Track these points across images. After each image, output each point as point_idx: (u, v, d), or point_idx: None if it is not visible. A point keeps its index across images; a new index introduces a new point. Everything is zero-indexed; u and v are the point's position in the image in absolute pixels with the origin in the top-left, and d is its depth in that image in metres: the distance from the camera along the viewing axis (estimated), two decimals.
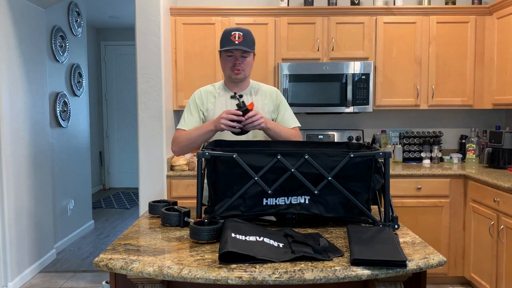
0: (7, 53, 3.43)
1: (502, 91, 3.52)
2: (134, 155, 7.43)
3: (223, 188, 1.70)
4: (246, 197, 1.69)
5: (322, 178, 1.69)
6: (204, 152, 1.68)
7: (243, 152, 1.69)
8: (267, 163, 1.67)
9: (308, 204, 1.71)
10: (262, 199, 1.69)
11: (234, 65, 2.07)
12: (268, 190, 1.67)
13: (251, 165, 1.67)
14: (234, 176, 1.69)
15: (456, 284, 3.53)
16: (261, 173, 1.67)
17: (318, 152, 1.70)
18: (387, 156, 1.71)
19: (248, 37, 2.08)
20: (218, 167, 1.70)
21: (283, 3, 3.77)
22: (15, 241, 3.52)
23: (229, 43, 2.03)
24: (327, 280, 1.31)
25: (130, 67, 7.50)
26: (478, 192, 3.22)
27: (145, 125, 3.40)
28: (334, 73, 3.59)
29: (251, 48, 2.10)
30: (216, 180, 1.71)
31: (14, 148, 3.51)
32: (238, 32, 2.04)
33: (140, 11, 3.36)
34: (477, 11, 3.67)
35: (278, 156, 1.67)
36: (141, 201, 3.41)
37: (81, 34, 5.04)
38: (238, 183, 1.68)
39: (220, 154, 1.69)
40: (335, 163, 1.68)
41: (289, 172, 1.67)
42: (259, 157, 1.69)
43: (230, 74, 2.12)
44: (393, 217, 1.72)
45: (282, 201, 1.70)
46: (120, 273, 1.41)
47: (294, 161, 1.68)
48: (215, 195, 1.72)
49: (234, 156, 1.67)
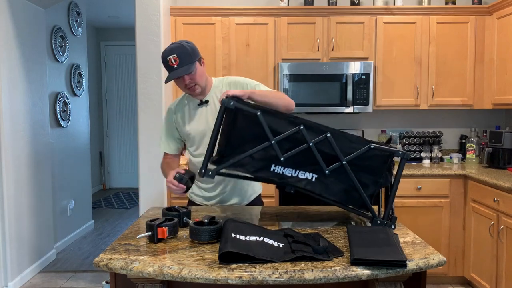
0: (7, 53, 3.43)
1: (502, 91, 3.52)
2: (134, 155, 7.43)
3: (236, 143, 1.69)
4: (256, 158, 1.68)
5: (334, 161, 1.68)
6: (230, 101, 1.66)
7: (267, 113, 1.67)
8: (287, 131, 1.66)
9: (314, 183, 1.70)
10: (270, 165, 1.68)
11: (186, 85, 2.01)
12: (281, 157, 1.66)
13: (271, 128, 1.65)
14: (251, 134, 1.67)
15: (456, 284, 3.53)
16: (279, 138, 1.65)
17: (341, 134, 1.69)
18: (405, 157, 1.72)
19: (183, 54, 1.95)
20: (238, 121, 1.68)
21: (283, 3, 3.77)
22: (15, 241, 3.52)
23: (169, 70, 1.97)
24: (327, 280, 1.31)
25: (130, 67, 7.50)
26: (478, 192, 3.22)
27: (145, 125, 3.40)
28: (334, 73, 3.59)
29: (191, 61, 1.96)
30: (231, 134, 1.69)
31: (14, 148, 3.51)
32: (171, 56, 1.94)
33: (140, 11, 3.36)
34: (477, 11, 3.67)
35: (301, 127, 1.66)
36: (141, 201, 3.41)
37: (81, 34, 5.04)
38: (253, 142, 1.67)
39: (245, 108, 1.67)
40: (353, 149, 1.68)
41: (306, 146, 1.66)
42: (281, 122, 1.67)
43: (188, 93, 2.10)
44: (392, 217, 1.73)
45: (289, 173, 1.69)
46: (120, 273, 1.41)
47: (314, 136, 1.67)
48: (225, 148, 1.70)
49: (258, 113, 1.65)
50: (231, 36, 3.67)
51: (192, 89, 2.03)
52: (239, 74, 3.45)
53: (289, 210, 2.10)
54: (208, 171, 1.68)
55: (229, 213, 2.03)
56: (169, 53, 1.95)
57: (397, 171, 1.74)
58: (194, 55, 1.99)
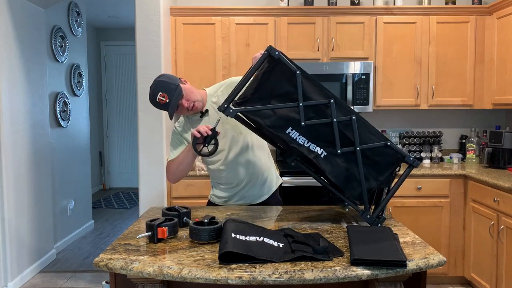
0: (7, 53, 3.43)
1: (502, 91, 3.52)
2: (134, 155, 7.43)
3: (264, 94, 1.70)
4: (277, 115, 1.69)
5: (348, 145, 1.70)
6: (275, 51, 1.68)
7: (306, 77, 1.70)
8: (317, 99, 1.68)
9: (322, 158, 1.72)
10: (287, 127, 1.69)
11: (187, 108, 2.06)
12: (303, 122, 1.67)
13: (303, 91, 1.68)
14: (281, 90, 1.69)
15: (456, 284, 3.53)
16: (308, 104, 1.67)
17: (363, 122, 1.73)
18: (414, 164, 1.75)
19: (166, 87, 1.99)
20: (275, 72, 1.69)
21: (283, 3, 3.77)
22: (15, 241, 3.52)
23: (165, 108, 2.00)
24: (327, 280, 1.31)
25: (130, 67, 7.50)
26: (478, 192, 3.22)
27: (145, 125, 3.40)
28: (334, 73, 3.59)
29: (175, 87, 2.00)
30: (262, 84, 1.70)
31: (14, 148, 3.51)
32: (159, 96, 1.97)
33: (140, 11, 3.36)
34: (477, 11, 3.67)
35: (332, 100, 1.68)
36: (141, 201, 3.41)
37: (81, 34, 5.04)
38: (280, 98, 1.69)
39: (287, 62, 1.69)
40: (370, 140, 1.72)
41: (329, 120, 1.68)
42: (315, 89, 1.70)
43: (192, 113, 2.13)
44: (380, 216, 1.74)
45: (302, 141, 1.71)
46: (120, 273, 1.41)
47: (339, 115, 1.70)
48: (252, 96, 1.70)
49: (297, 72, 1.68)
50: (231, 36, 3.67)
51: (194, 108, 2.07)
52: (239, 74, 3.45)
53: (289, 210, 2.10)
54: (229, 108, 1.69)
55: (230, 213, 2.03)
56: (154, 95, 2.00)
57: (401, 176, 1.75)
58: (174, 81, 2.03)
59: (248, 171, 2.18)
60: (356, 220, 1.88)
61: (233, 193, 2.23)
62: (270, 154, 2.33)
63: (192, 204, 2.28)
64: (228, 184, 2.22)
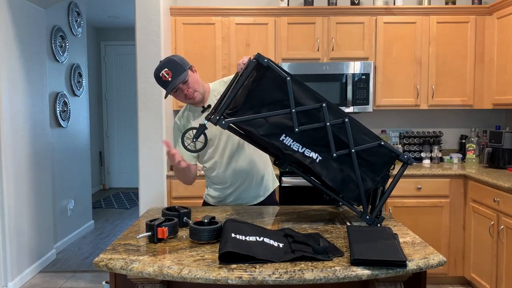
0: (7, 53, 3.43)
1: (502, 91, 3.52)
2: (134, 155, 7.43)
3: (255, 101, 1.68)
4: (270, 123, 1.68)
5: (342, 147, 1.70)
6: (264, 58, 1.66)
7: (296, 82, 1.68)
8: (309, 104, 1.67)
9: (317, 163, 1.71)
10: (281, 134, 1.69)
11: (185, 95, 2.04)
12: (296, 128, 1.66)
13: (294, 97, 1.67)
14: (272, 98, 1.68)
15: (456, 284, 3.53)
16: (300, 109, 1.66)
17: (356, 124, 1.72)
18: (409, 162, 1.75)
19: (173, 66, 1.98)
20: (265, 79, 1.68)
21: (283, 3, 3.77)
22: (15, 241, 3.52)
23: (164, 85, 1.99)
24: (327, 280, 1.31)
25: (130, 67, 7.50)
26: (478, 192, 3.22)
27: (145, 125, 3.40)
28: (334, 73, 3.59)
29: (182, 70, 1.99)
30: (253, 93, 1.68)
31: (14, 148, 3.51)
32: (163, 71, 1.96)
33: (140, 11, 3.36)
34: (477, 11, 3.67)
35: (324, 104, 1.67)
36: (141, 201, 3.41)
37: (81, 34, 5.04)
38: (271, 105, 1.68)
39: (276, 69, 1.67)
40: (363, 141, 1.71)
41: (322, 124, 1.68)
42: (306, 94, 1.69)
43: (189, 102, 2.12)
44: (379, 216, 1.74)
45: (296, 147, 1.70)
46: (120, 273, 1.41)
47: (332, 118, 1.69)
48: (243, 105, 1.68)
49: (287, 79, 1.66)
50: (231, 36, 3.67)
51: (192, 97, 2.05)
52: None
53: (289, 210, 2.10)
54: (222, 120, 1.67)
55: (230, 213, 2.03)
56: (160, 69, 1.98)
57: (396, 174, 1.75)
58: (184, 65, 2.02)
59: (243, 171, 2.17)
60: (355, 220, 1.87)
61: (228, 193, 2.22)
62: (267, 155, 2.32)
63: (192, 204, 2.29)
64: (223, 183, 2.21)
